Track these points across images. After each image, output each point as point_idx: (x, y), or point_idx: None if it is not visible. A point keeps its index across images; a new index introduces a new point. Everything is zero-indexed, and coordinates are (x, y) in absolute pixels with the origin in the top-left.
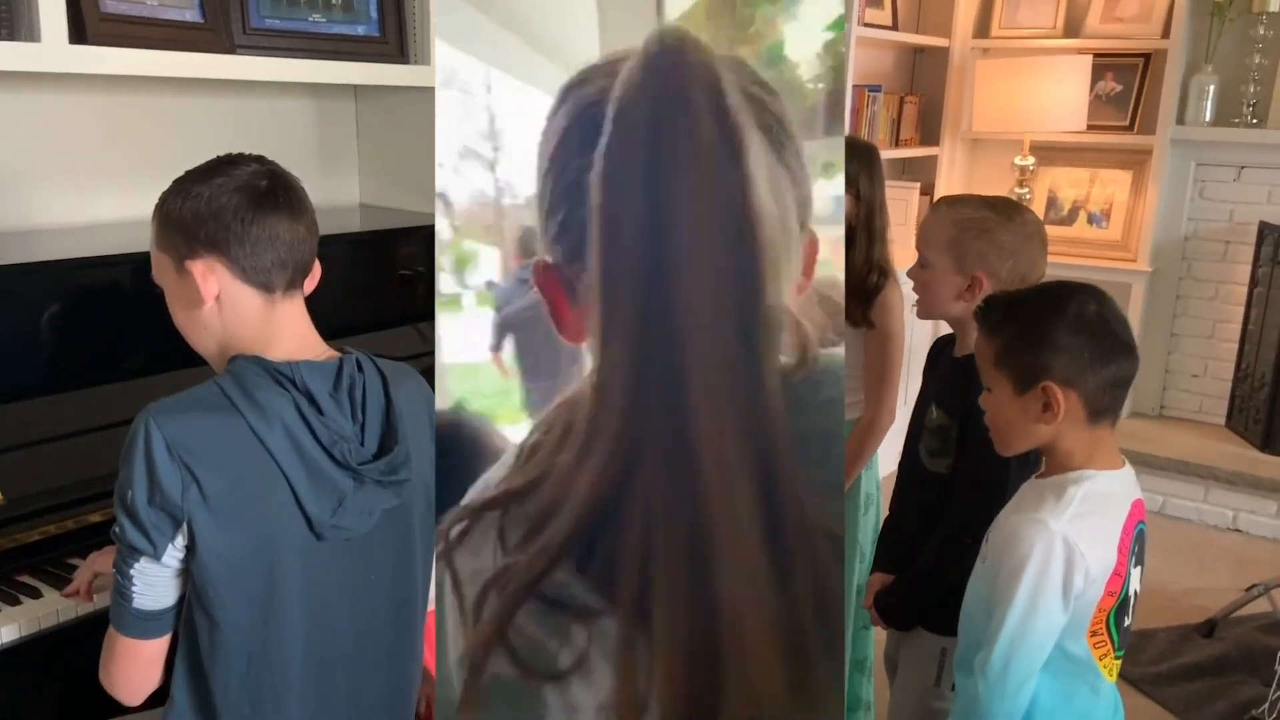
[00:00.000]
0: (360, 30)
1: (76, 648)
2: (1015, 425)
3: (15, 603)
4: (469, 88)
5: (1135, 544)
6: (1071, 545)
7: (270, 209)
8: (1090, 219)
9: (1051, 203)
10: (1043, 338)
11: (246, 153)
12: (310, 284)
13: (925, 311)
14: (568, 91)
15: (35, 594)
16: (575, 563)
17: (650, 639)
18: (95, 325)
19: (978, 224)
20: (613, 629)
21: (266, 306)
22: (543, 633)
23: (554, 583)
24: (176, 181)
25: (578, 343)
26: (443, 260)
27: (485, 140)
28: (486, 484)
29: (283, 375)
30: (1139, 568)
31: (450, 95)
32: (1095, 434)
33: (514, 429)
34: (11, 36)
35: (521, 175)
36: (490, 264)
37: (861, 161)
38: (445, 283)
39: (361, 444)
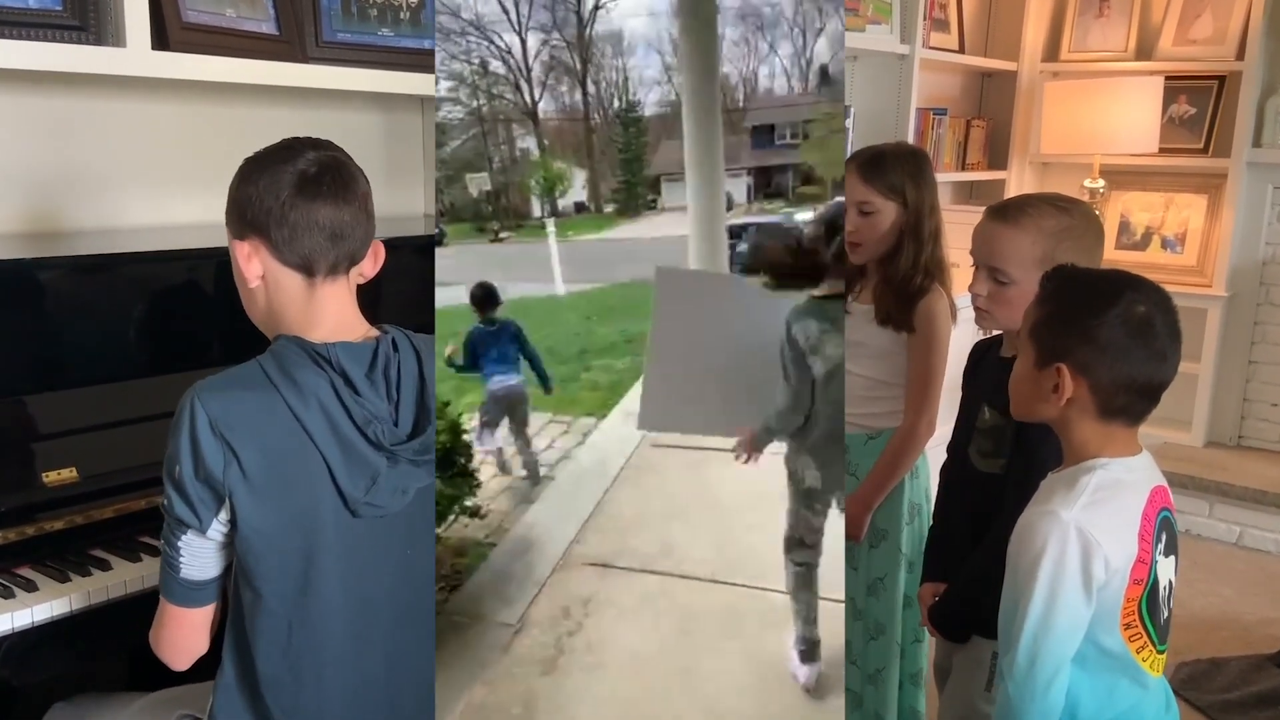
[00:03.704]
0: (427, 44)
1: (143, 616)
2: (1027, 396)
3: (87, 574)
4: None
5: (1161, 531)
6: (1086, 535)
7: (312, 195)
8: (1164, 244)
9: (1124, 227)
10: (1077, 322)
11: (313, 137)
12: (371, 268)
13: (1011, 324)
14: None
15: (105, 566)
16: None
17: None
18: (171, 316)
19: (1065, 233)
20: None
21: (308, 289)
22: None
23: None
24: (244, 162)
25: None
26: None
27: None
28: None
29: (320, 356)
30: (1171, 557)
31: None
32: (1108, 428)
33: None
34: (99, 41)
35: None
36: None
37: (907, 169)
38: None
39: (395, 424)
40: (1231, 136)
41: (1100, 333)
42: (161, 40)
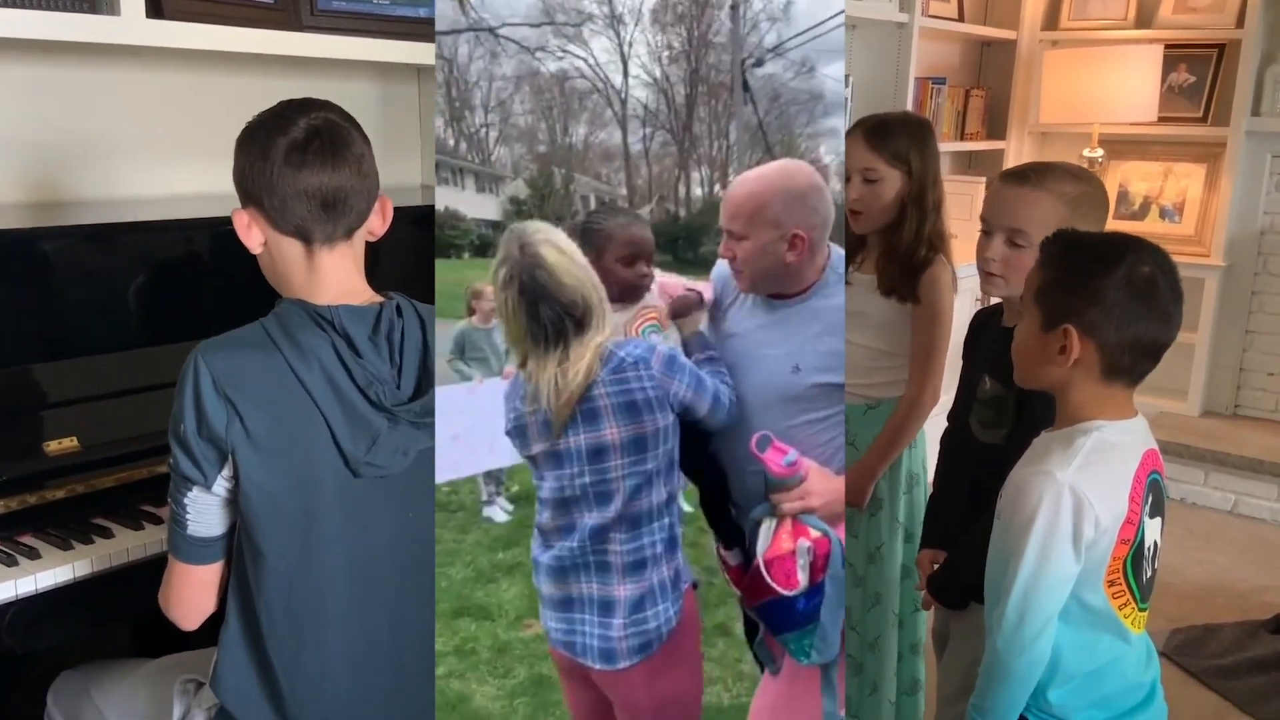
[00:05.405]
0: (423, 13)
1: (147, 583)
2: (1032, 360)
3: (89, 542)
4: None
5: (1149, 493)
6: (1079, 495)
7: (298, 164)
8: (1163, 213)
9: (1122, 197)
10: (1082, 284)
11: (309, 99)
12: (380, 225)
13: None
14: None
15: (108, 534)
16: None
17: None
18: (171, 286)
19: (1082, 199)
20: None
21: (307, 255)
22: None
23: None
24: (242, 129)
25: None
26: None
27: None
28: None
29: (322, 318)
30: (1157, 518)
31: None
32: (1109, 390)
33: None
34: (94, 10)
35: None
36: None
37: (913, 138)
38: None
39: (398, 386)
40: (1230, 105)
41: (1107, 293)
42: (156, 9)
